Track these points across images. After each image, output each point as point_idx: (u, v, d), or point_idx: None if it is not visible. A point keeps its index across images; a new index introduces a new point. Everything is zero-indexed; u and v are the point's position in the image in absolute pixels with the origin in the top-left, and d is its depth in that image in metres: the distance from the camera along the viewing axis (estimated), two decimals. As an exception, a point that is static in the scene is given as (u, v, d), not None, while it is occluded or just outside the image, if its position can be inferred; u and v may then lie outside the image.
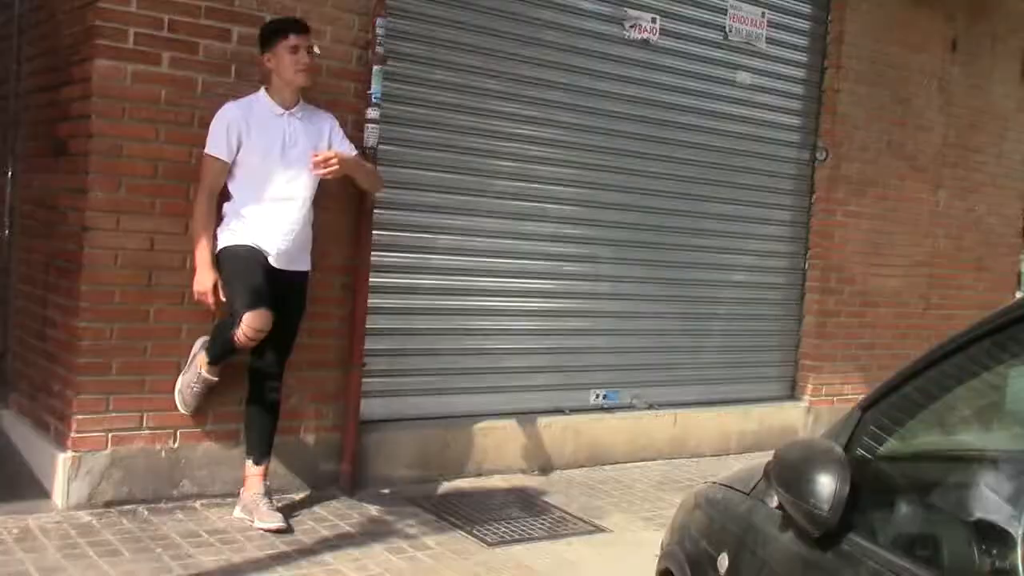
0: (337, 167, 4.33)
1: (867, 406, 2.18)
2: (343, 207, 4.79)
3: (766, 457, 2.36)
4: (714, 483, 2.88)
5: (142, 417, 4.41)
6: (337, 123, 4.58)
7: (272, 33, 4.38)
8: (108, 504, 4.32)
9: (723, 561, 2.40)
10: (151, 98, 4.34)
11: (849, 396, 6.83)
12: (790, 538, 2.13)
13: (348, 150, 4.54)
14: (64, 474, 4.26)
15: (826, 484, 1.94)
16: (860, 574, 1.87)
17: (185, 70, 4.41)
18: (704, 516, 2.76)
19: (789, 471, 2.05)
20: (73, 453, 4.27)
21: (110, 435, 4.34)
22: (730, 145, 6.53)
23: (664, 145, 6.21)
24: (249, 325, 4.13)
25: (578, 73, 5.81)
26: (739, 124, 6.56)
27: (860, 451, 2.13)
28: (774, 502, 2.27)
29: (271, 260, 4.32)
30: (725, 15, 6.41)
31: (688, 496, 3.00)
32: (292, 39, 4.34)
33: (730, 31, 6.44)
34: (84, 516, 4.23)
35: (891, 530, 2.04)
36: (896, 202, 7.28)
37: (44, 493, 4.38)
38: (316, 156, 4.30)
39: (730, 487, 2.70)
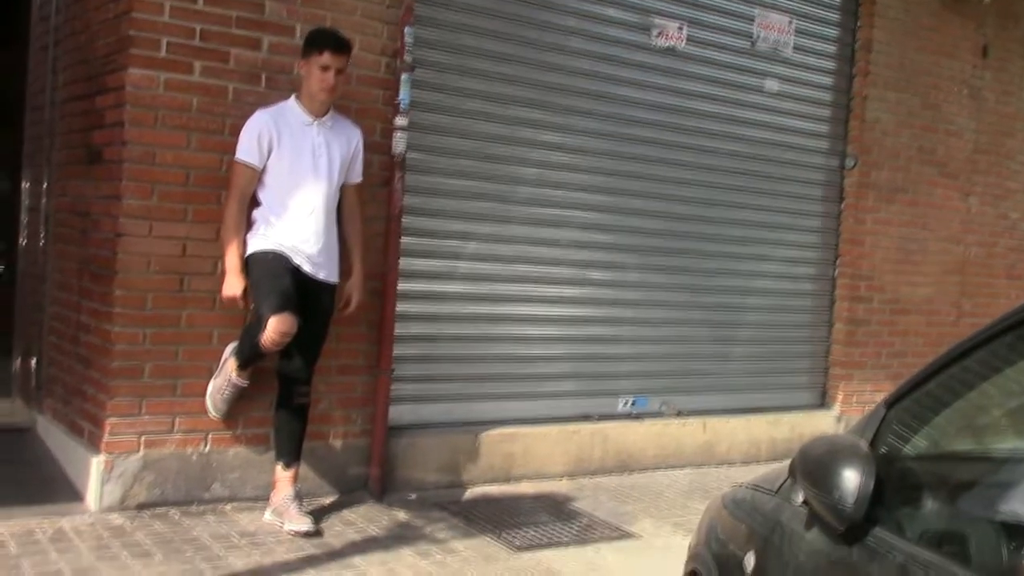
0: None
1: (892, 402, 2.18)
2: (371, 214, 4.83)
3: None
4: (741, 485, 2.89)
5: (174, 421, 4.46)
6: (363, 141, 4.61)
7: (311, 43, 4.41)
8: (140, 506, 4.37)
9: (749, 560, 2.40)
10: (183, 106, 4.41)
11: (880, 404, 6.77)
12: (815, 534, 2.13)
13: (358, 173, 4.62)
14: (97, 477, 4.32)
15: (851, 479, 1.94)
16: (885, 568, 1.87)
17: (216, 79, 4.47)
18: (730, 517, 2.76)
19: (814, 466, 2.05)
20: (106, 456, 4.33)
21: (142, 438, 4.39)
22: (757, 152, 6.52)
23: (691, 152, 6.22)
24: (274, 329, 4.17)
25: (604, 81, 5.83)
26: (766, 131, 6.55)
27: (885, 447, 2.13)
28: (799, 499, 2.27)
29: (299, 265, 4.36)
30: (752, 22, 6.41)
31: (715, 498, 3.00)
32: (326, 57, 4.36)
33: (757, 38, 6.44)
34: (117, 518, 4.28)
35: (917, 526, 2.03)
36: (926, 209, 7.24)
37: (78, 496, 4.45)
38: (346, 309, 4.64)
39: (756, 488, 2.70)
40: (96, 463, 4.34)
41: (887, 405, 2.18)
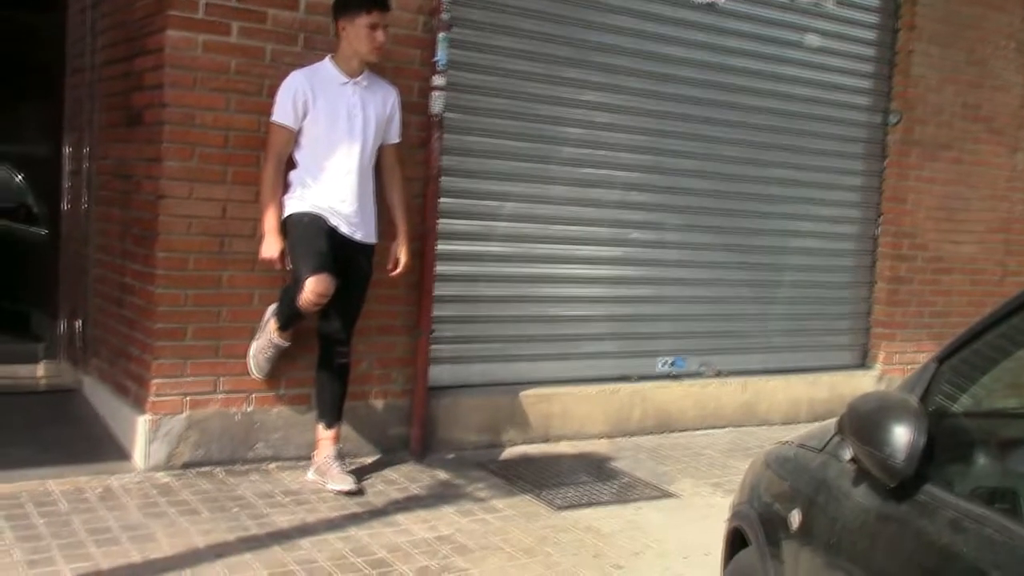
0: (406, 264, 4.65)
1: (943, 358, 2.14)
2: (410, 175, 4.81)
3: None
4: (785, 442, 2.87)
5: (217, 381, 4.51)
6: (399, 100, 4.58)
7: (354, 2, 4.36)
8: (186, 465, 4.44)
9: (795, 517, 2.39)
10: (221, 68, 4.41)
11: (922, 364, 6.71)
12: (864, 491, 2.11)
13: (396, 133, 4.59)
14: (144, 436, 4.38)
15: (902, 434, 1.92)
16: (936, 523, 1.85)
17: (254, 39, 4.46)
18: (775, 474, 2.74)
19: (864, 422, 2.03)
20: (152, 416, 4.39)
21: (187, 399, 4.45)
22: (799, 109, 6.42)
23: (731, 110, 6.13)
24: (312, 290, 4.18)
25: (644, 38, 5.75)
26: (808, 88, 6.45)
27: (936, 403, 2.10)
28: (847, 456, 2.25)
29: (336, 227, 4.36)
30: (794, -24, 6.29)
31: (758, 456, 2.98)
32: (375, 16, 4.34)
33: (799, -8, 6.32)
34: (163, 477, 4.35)
35: (967, 482, 2.01)
36: (971, 166, 7.11)
37: (125, 455, 4.52)
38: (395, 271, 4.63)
39: (801, 445, 2.68)
40: (142, 423, 4.40)
41: (938, 361, 2.15)
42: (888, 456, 1.91)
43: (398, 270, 4.63)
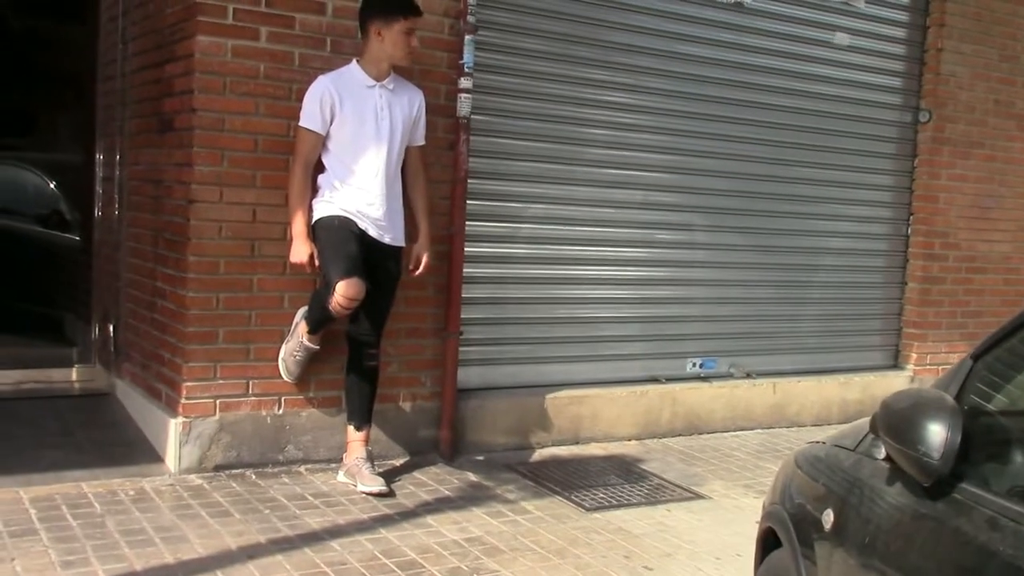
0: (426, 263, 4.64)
1: (978, 355, 2.12)
2: (437, 178, 4.83)
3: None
4: (817, 442, 2.85)
5: (248, 384, 4.54)
6: (425, 103, 4.59)
7: (390, 8, 4.37)
8: (218, 468, 4.47)
9: (828, 517, 2.38)
10: (250, 73, 4.44)
11: (955, 364, 6.63)
12: (898, 490, 2.10)
13: (421, 135, 4.60)
14: (176, 439, 4.42)
15: (937, 432, 1.90)
16: (973, 522, 1.83)
17: (282, 44, 4.49)
18: (807, 474, 2.72)
19: (898, 420, 2.01)
20: (184, 419, 4.42)
21: (218, 401, 4.47)
22: (828, 109, 6.38)
23: (759, 110, 6.10)
24: (342, 294, 4.20)
25: (670, 38, 5.74)
26: (837, 87, 6.41)
27: (971, 400, 2.08)
28: (881, 455, 2.23)
29: (364, 230, 4.37)
30: (822, -26, 6.25)
31: (790, 456, 2.97)
32: (412, 22, 4.37)
33: (827, -10, 6.28)
34: (195, 479, 4.38)
35: (1004, 481, 1.98)
36: (1004, 164, 7.03)
37: (157, 457, 4.56)
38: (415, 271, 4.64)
39: (834, 445, 2.66)
40: (174, 426, 4.43)
41: (973, 358, 2.13)
42: (923, 454, 1.90)
43: (419, 271, 4.64)
